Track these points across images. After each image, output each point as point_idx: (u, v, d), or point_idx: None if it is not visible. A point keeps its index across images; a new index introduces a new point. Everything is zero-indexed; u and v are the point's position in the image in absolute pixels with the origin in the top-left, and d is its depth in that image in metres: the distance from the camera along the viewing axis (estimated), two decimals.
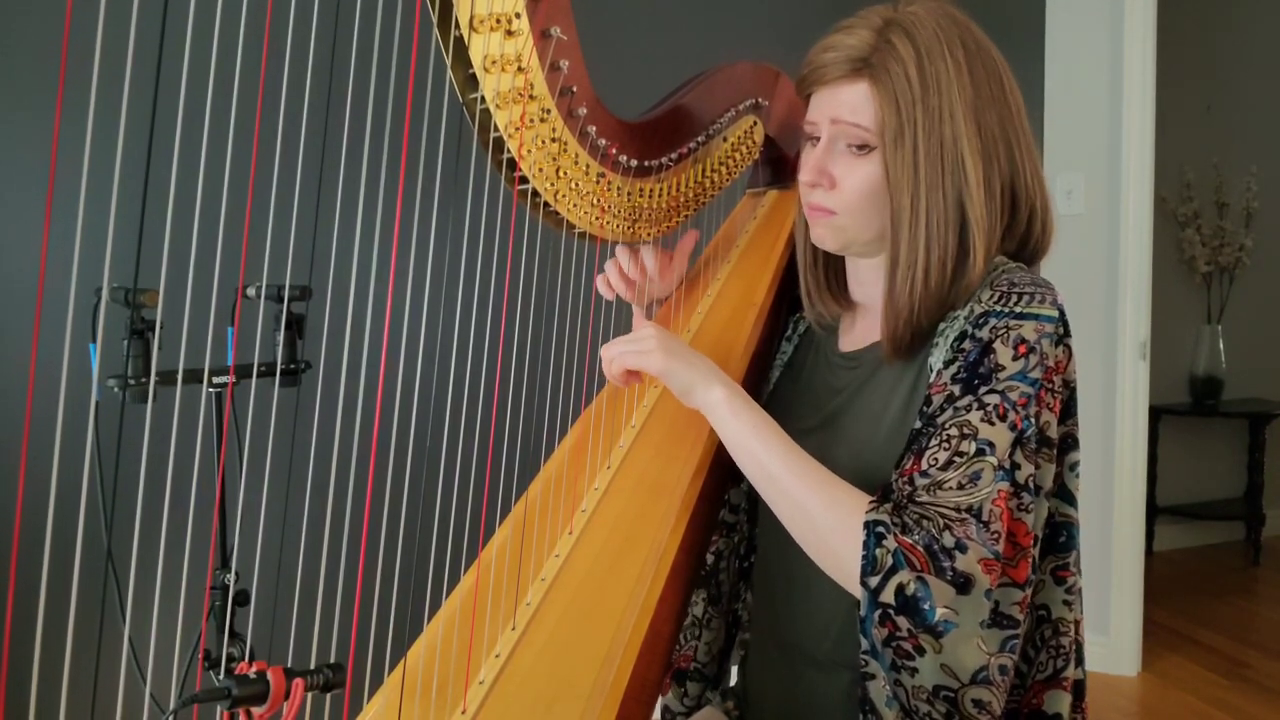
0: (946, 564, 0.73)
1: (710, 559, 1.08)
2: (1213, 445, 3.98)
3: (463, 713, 0.74)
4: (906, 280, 0.86)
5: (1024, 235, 0.91)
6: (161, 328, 0.80)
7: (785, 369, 1.07)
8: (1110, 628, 2.71)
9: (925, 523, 0.75)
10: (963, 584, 0.72)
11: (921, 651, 0.73)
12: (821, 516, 0.80)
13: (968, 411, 0.79)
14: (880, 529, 0.75)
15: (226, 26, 0.62)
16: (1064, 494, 0.86)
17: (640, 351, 0.88)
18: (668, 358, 0.87)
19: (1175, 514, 3.83)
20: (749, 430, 0.84)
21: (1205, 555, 3.87)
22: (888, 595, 0.73)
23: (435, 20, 0.77)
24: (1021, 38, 2.76)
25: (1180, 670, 2.74)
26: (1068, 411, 0.85)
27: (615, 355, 0.89)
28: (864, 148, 0.87)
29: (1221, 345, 3.83)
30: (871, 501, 0.79)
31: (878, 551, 0.75)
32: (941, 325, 0.87)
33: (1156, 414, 3.65)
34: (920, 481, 0.78)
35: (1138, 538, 2.71)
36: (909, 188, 0.85)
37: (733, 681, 1.12)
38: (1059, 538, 0.86)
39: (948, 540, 0.74)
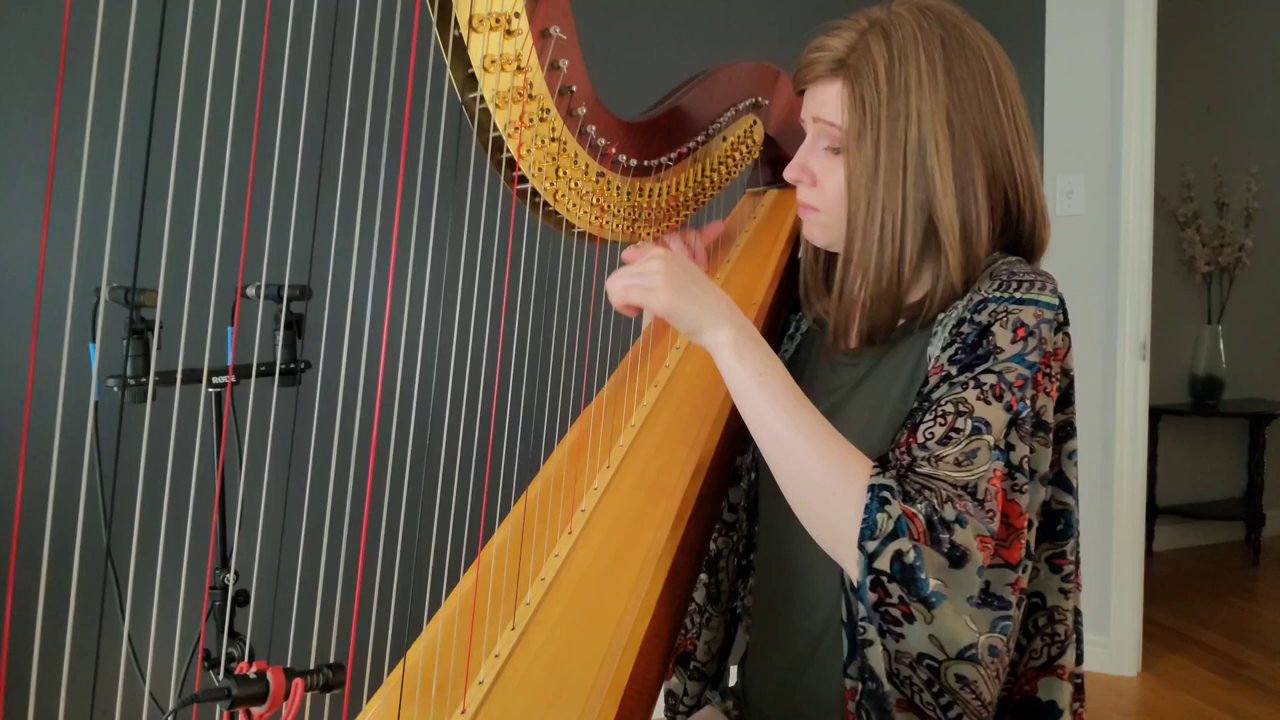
0: (944, 536, 0.72)
1: (711, 547, 1.08)
2: (1213, 445, 3.98)
3: (462, 713, 0.74)
4: (856, 277, 0.87)
5: (1016, 235, 0.92)
6: (161, 328, 0.80)
7: (788, 367, 1.07)
8: (1110, 628, 2.71)
9: (927, 492, 0.75)
10: (957, 558, 0.72)
11: (911, 619, 0.72)
12: (823, 475, 0.77)
13: (964, 389, 0.79)
14: (885, 493, 0.74)
15: (226, 26, 0.62)
16: (1062, 482, 0.86)
17: (646, 287, 0.81)
18: (674, 295, 0.80)
19: (1175, 514, 3.83)
20: (753, 378, 0.80)
21: (1205, 555, 3.87)
22: (883, 561, 0.72)
23: (435, 20, 0.77)
24: (1021, 38, 2.76)
25: (1180, 670, 2.73)
26: (1066, 399, 0.86)
27: (621, 287, 0.83)
28: (838, 147, 0.88)
29: (1221, 345, 3.83)
30: (875, 466, 0.77)
31: (879, 516, 0.73)
32: (941, 316, 0.88)
33: (1156, 414, 3.65)
34: (919, 453, 0.78)
35: (1138, 538, 2.71)
36: (866, 188, 0.86)
37: (732, 681, 1.12)
38: (1055, 525, 0.86)
39: (949, 513, 0.73)
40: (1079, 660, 0.88)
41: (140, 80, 0.59)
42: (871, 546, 0.73)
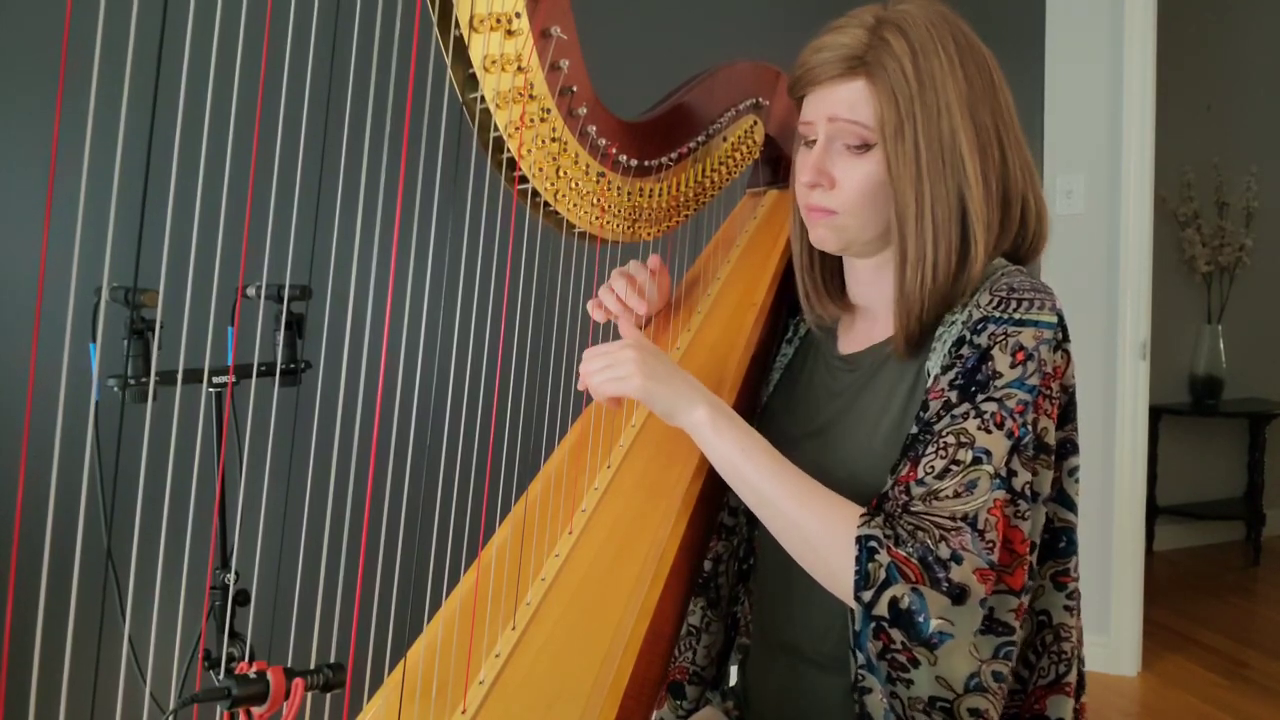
0: (942, 575, 0.73)
1: (709, 564, 1.08)
2: (1213, 445, 3.98)
3: (463, 713, 0.74)
4: (916, 276, 0.86)
5: (1019, 232, 0.91)
6: (161, 328, 0.80)
7: (785, 372, 1.07)
8: (1110, 628, 2.71)
9: (920, 534, 0.75)
10: (958, 595, 0.72)
11: (916, 664, 0.72)
12: (813, 532, 0.79)
13: (965, 419, 0.79)
14: (873, 543, 0.75)
15: (227, 26, 0.62)
16: (1063, 499, 0.86)
17: (618, 377, 0.85)
18: (646, 380, 0.84)
19: (1175, 514, 3.83)
20: (735, 449, 0.83)
21: (1205, 555, 3.87)
22: (881, 609, 0.73)
23: (435, 20, 0.77)
24: (1021, 38, 2.75)
25: (1180, 670, 2.73)
26: (1066, 417, 0.85)
27: (596, 383, 0.87)
28: (863, 146, 0.87)
29: (1221, 345, 3.83)
30: (863, 515, 0.78)
31: (870, 566, 0.74)
32: (939, 329, 0.87)
33: (1156, 414, 3.64)
34: (916, 490, 0.78)
35: (1138, 538, 2.71)
36: (912, 183, 0.85)
37: (732, 681, 1.12)
38: (1059, 543, 0.86)
39: (943, 551, 0.74)
40: (1080, 666, 0.88)
41: (141, 80, 0.59)
42: (867, 597, 0.74)
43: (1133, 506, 2.69)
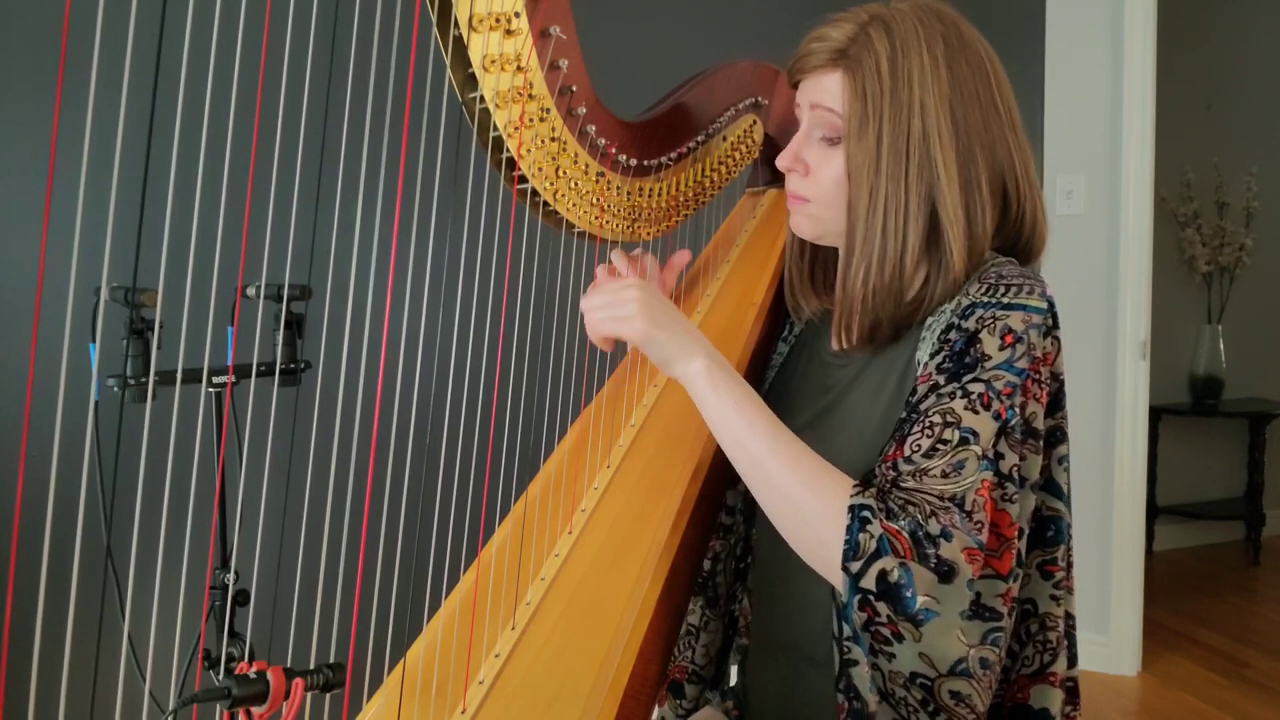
0: (930, 551, 0.72)
1: (707, 563, 1.08)
2: (1213, 445, 3.99)
3: (462, 712, 0.74)
4: (859, 270, 0.86)
5: (1015, 234, 0.91)
6: (161, 327, 0.80)
7: (780, 370, 1.07)
8: (1110, 628, 2.71)
9: (910, 508, 0.75)
10: (946, 572, 0.72)
11: (900, 638, 0.72)
12: (804, 499, 0.78)
13: (951, 399, 0.79)
14: (865, 513, 0.74)
15: (226, 26, 0.62)
16: (1052, 487, 0.85)
17: (619, 317, 0.83)
18: (649, 325, 0.82)
19: (1175, 514, 3.83)
20: (730, 406, 0.81)
21: (1205, 555, 3.88)
22: (869, 581, 0.72)
23: (435, 20, 0.77)
24: (1021, 38, 2.76)
25: (1180, 670, 2.74)
26: (1056, 404, 0.85)
27: (598, 319, 0.85)
28: (836, 138, 0.88)
29: (1221, 345, 3.83)
30: (855, 486, 0.77)
31: (861, 536, 0.74)
32: (930, 320, 0.87)
33: (1156, 414, 3.65)
34: (904, 467, 0.78)
35: (1138, 538, 2.71)
36: (868, 179, 0.85)
37: (732, 681, 1.12)
38: (1046, 531, 0.85)
39: (933, 527, 0.73)
40: (1072, 664, 0.87)
41: (140, 79, 0.59)
42: (855, 567, 0.73)
43: (1133, 506, 2.70)
